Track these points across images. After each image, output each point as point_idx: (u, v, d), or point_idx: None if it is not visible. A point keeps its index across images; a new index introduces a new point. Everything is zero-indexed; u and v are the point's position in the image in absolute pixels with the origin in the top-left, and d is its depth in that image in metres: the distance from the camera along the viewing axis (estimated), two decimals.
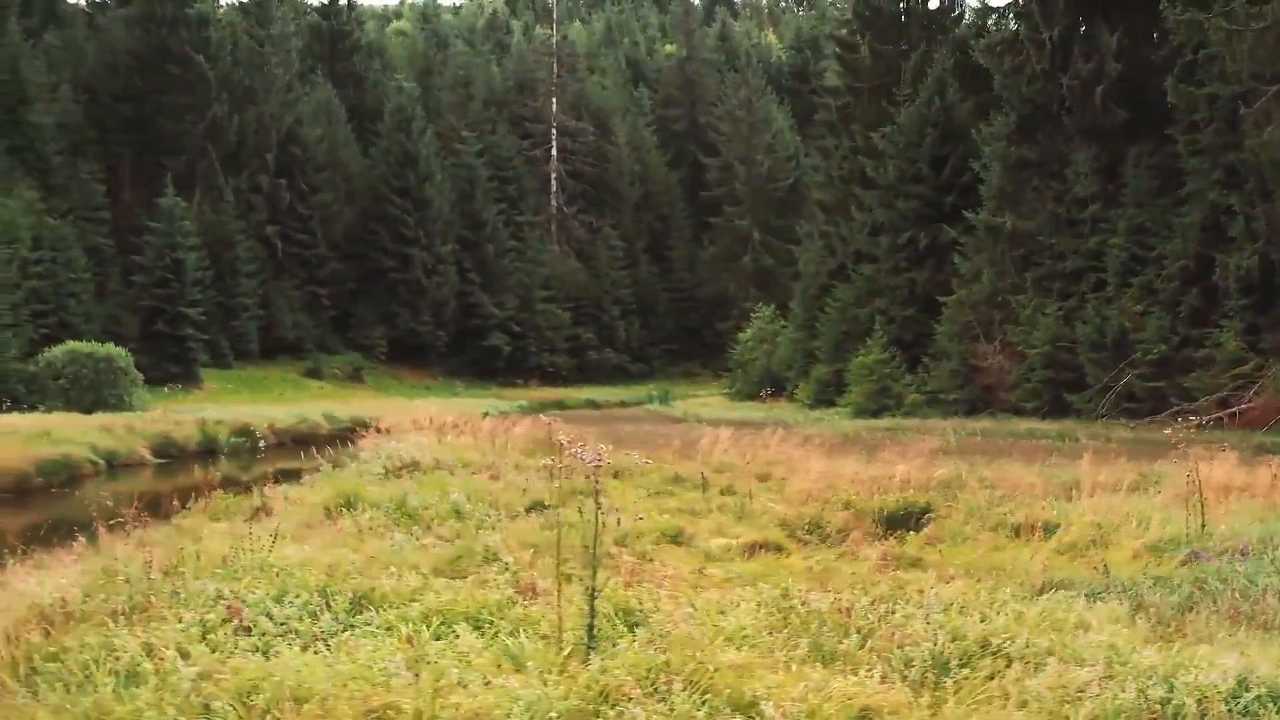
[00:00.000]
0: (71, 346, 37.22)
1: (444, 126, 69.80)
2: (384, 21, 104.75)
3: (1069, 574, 8.41)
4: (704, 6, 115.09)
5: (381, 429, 23.57)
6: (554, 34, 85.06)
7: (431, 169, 64.78)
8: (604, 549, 10.11)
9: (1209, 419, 26.06)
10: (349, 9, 73.86)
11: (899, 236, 39.39)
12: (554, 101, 79.11)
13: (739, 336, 54.46)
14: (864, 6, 45.25)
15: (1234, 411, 26.23)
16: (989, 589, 7.45)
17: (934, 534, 10.43)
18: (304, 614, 6.56)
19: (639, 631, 6.36)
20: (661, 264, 79.31)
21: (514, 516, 11.72)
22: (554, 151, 77.94)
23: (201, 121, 56.19)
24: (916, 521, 10.98)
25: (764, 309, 53.48)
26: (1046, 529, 10.69)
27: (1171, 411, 27.12)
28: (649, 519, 11.43)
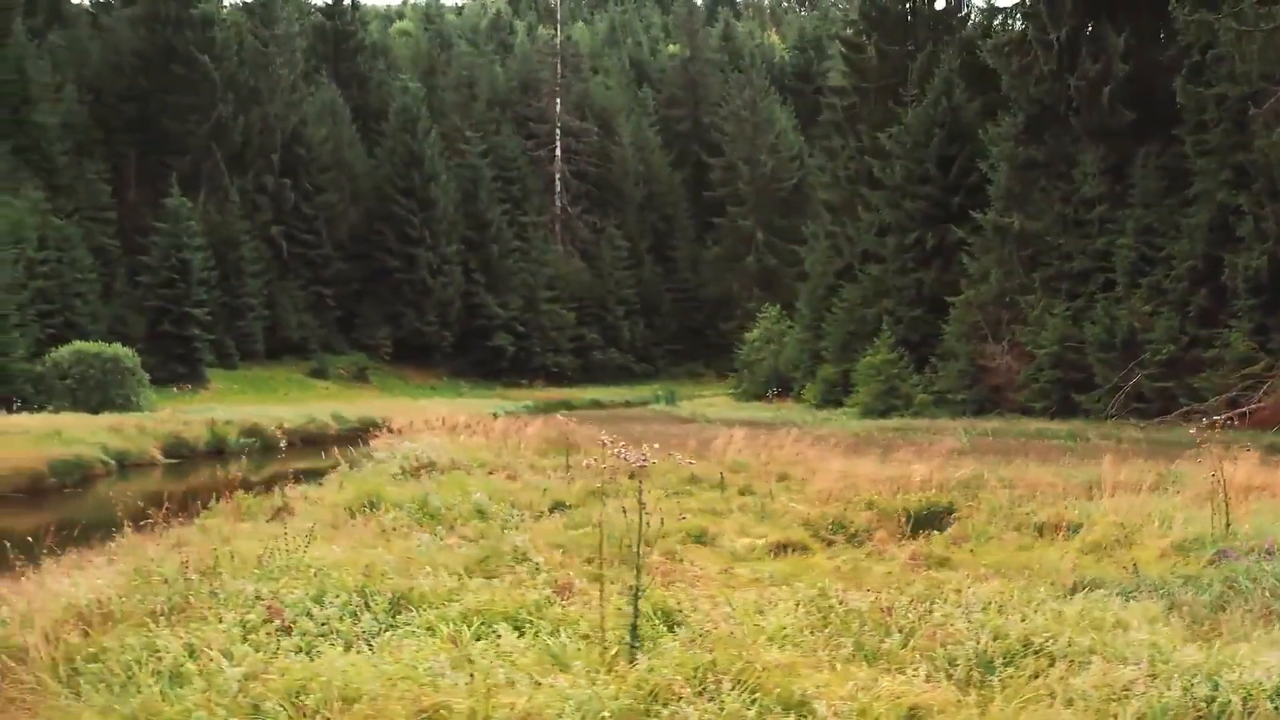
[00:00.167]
0: (78, 346, 37.25)
1: (448, 127, 69.84)
2: (387, 22, 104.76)
3: (1098, 573, 8.42)
4: (706, 7, 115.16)
5: (394, 429, 23.52)
6: (558, 34, 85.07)
7: (436, 169, 64.80)
8: (627, 549, 10.19)
9: (1219, 419, 26.09)
10: (353, 9, 73.95)
11: (906, 237, 39.43)
12: (558, 102, 79.13)
13: (745, 337, 54.48)
14: (870, 7, 45.30)
15: (1244, 411, 26.24)
16: (1022, 588, 7.47)
17: (959, 533, 10.44)
18: (344, 614, 6.56)
19: (679, 631, 6.37)
20: (665, 264, 79.35)
21: (537, 517, 11.74)
22: (558, 152, 77.96)
23: (206, 121, 56.21)
24: (940, 521, 10.99)
25: (770, 309, 53.50)
26: (1070, 529, 10.70)
27: (1181, 412, 27.18)
28: (671, 519, 11.47)
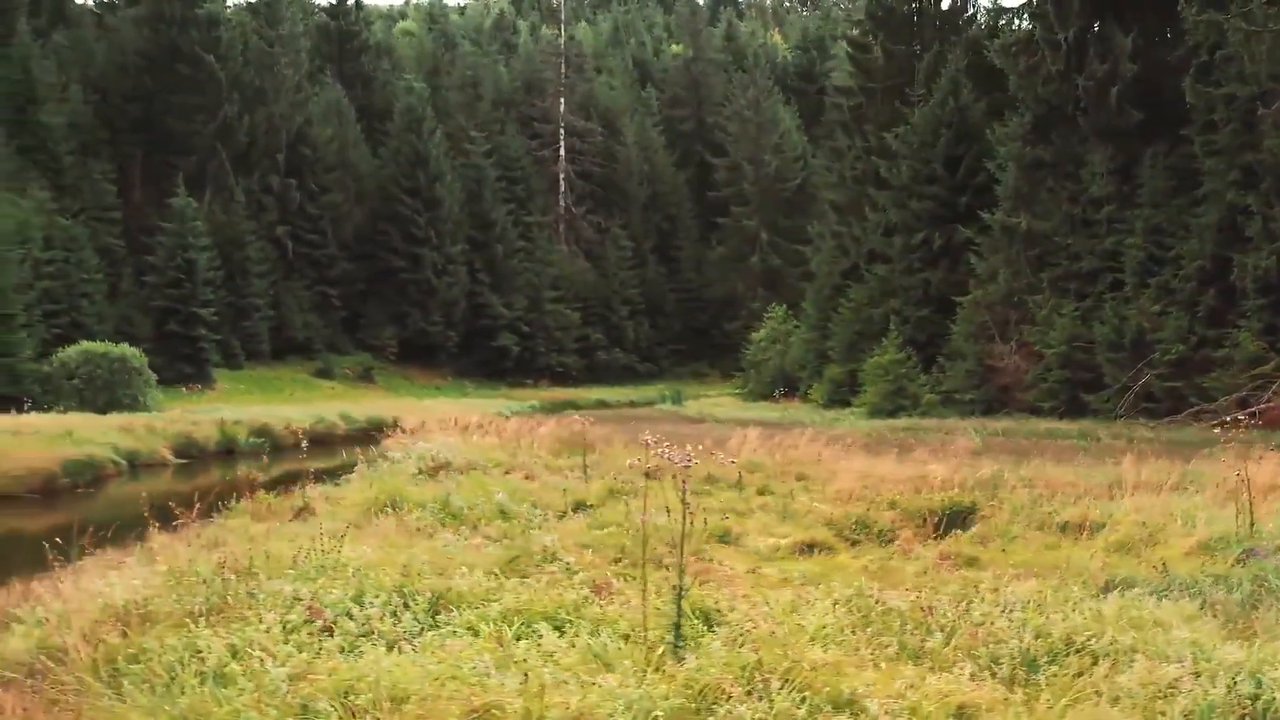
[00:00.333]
0: (86, 347, 37.28)
1: (452, 127, 69.82)
2: (390, 22, 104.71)
3: (1128, 572, 8.44)
4: (709, 7, 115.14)
5: (406, 429, 23.54)
6: (561, 34, 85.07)
7: (441, 169, 64.79)
8: (653, 549, 10.21)
9: (1240, 418, 26.10)
10: (356, 9, 73.86)
11: (913, 237, 39.46)
12: (562, 102, 79.12)
13: (751, 337, 54.48)
14: (876, 7, 45.33)
15: (1253, 411, 26.24)
16: (1056, 587, 7.50)
17: (983, 533, 10.46)
18: (385, 614, 6.59)
19: (718, 630, 6.39)
20: (669, 264, 79.35)
21: (560, 516, 11.76)
22: (562, 152, 77.96)
23: (212, 121, 56.21)
24: (963, 521, 11.01)
25: (777, 309, 53.52)
26: (1093, 528, 10.73)
27: (1191, 411, 27.22)
28: (694, 519, 11.49)
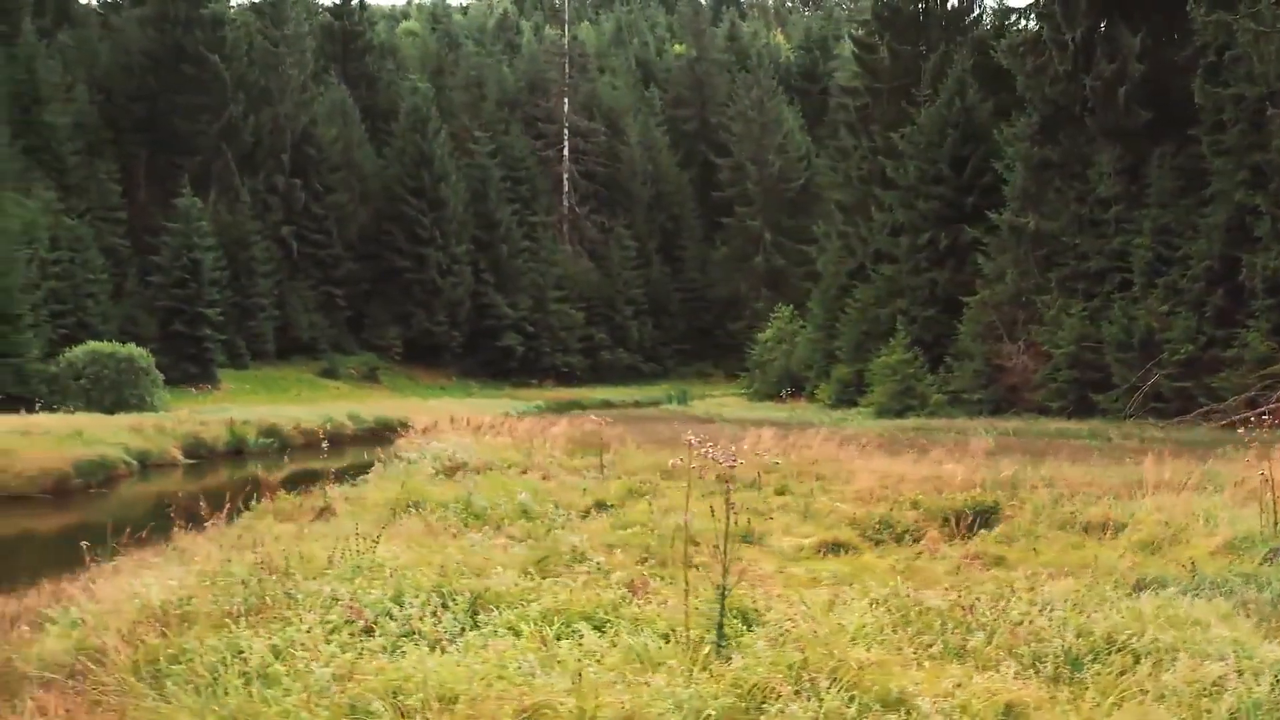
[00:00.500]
0: (93, 347, 37.27)
1: (457, 127, 69.88)
2: (393, 22, 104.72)
3: (1157, 572, 8.46)
4: (711, 7, 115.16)
5: (418, 429, 23.55)
6: (565, 34, 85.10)
7: (446, 169, 64.83)
8: (677, 550, 10.23)
9: (1239, 419, 26.14)
10: (360, 9, 73.89)
11: (920, 237, 39.49)
12: (566, 102, 79.17)
13: (758, 337, 54.52)
14: (882, 7, 45.36)
15: (1263, 412, 26.25)
16: (1089, 586, 7.53)
17: (1007, 533, 10.48)
18: (424, 614, 6.60)
19: (757, 630, 6.41)
20: (673, 264, 79.44)
21: (583, 516, 11.78)
22: (566, 152, 78.01)
23: (217, 121, 56.22)
24: (986, 521, 11.03)
25: (783, 309, 53.59)
26: (1116, 527, 10.75)
27: (1201, 411, 27.25)
28: (716, 518, 11.51)
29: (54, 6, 58.59)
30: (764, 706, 5.13)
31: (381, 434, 33.66)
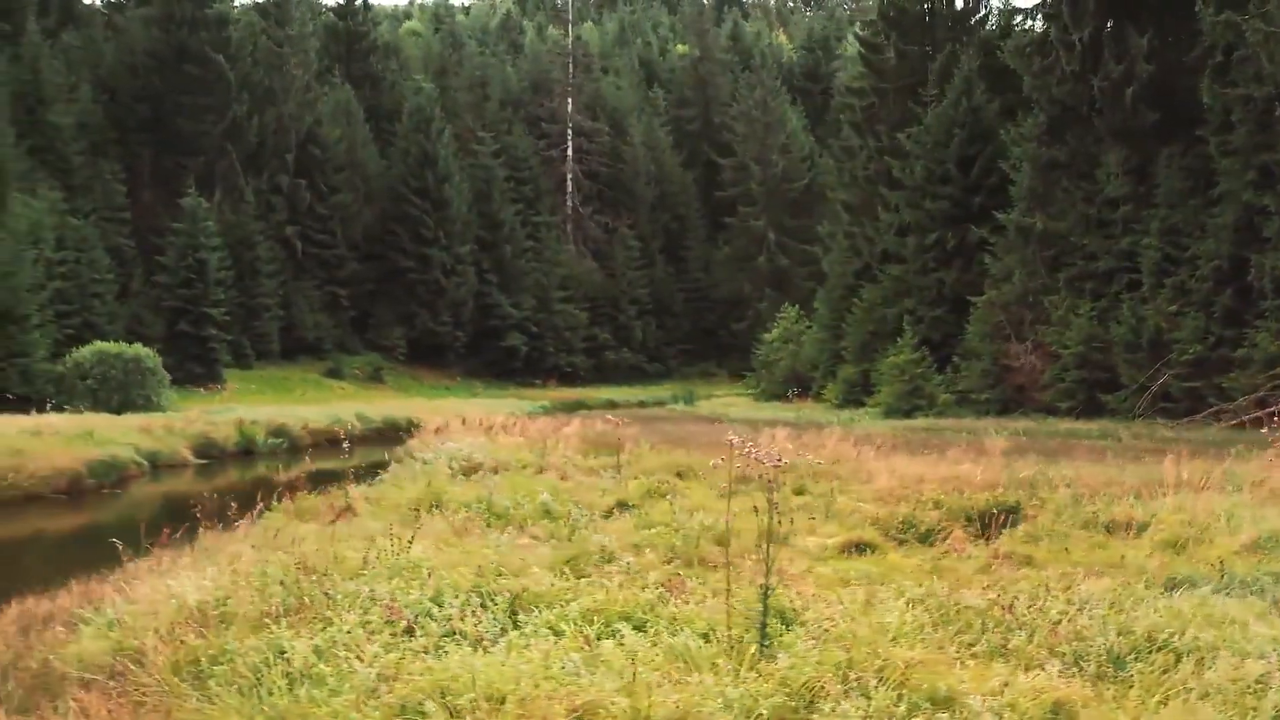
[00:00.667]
0: (99, 347, 37.30)
1: (461, 127, 69.92)
2: (396, 22, 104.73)
3: (1188, 571, 8.49)
4: (713, 7, 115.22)
5: (429, 429, 23.57)
6: (569, 34, 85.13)
7: (450, 169, 64.87)
8: (702, 549, 10.26)
9: (1247, 418, 26.18)
10: (364, 9, 73.89)
11: (927, 237, 39.52)
12: (569, 102, 79.22)
13: (764, 337, 54.52)
14: (889, 7, 45.40)
15: (1273, 411, 26.27)
16: (1123, 585, 7.56)
17: (1031, 532, 10.50)
18: (464, 615, 6.62)
19: (796, 629, 6.43)
20: (677, 264, 79.48)
21: (606, 516, 11.78)
22: (570, 152, 78.06)
23: (221, 122, 56.23)
24: (1008, 520, 11.04)
25: (789, 310, 53.63)
26: (1139, 527, 10.78)
27: (1211, 411, 27.27)
28: (741, 518, 11.53)
29: (58, 6, 58.58)
30: (815, 705, 5.15)
31: (389, 434, 33.69)
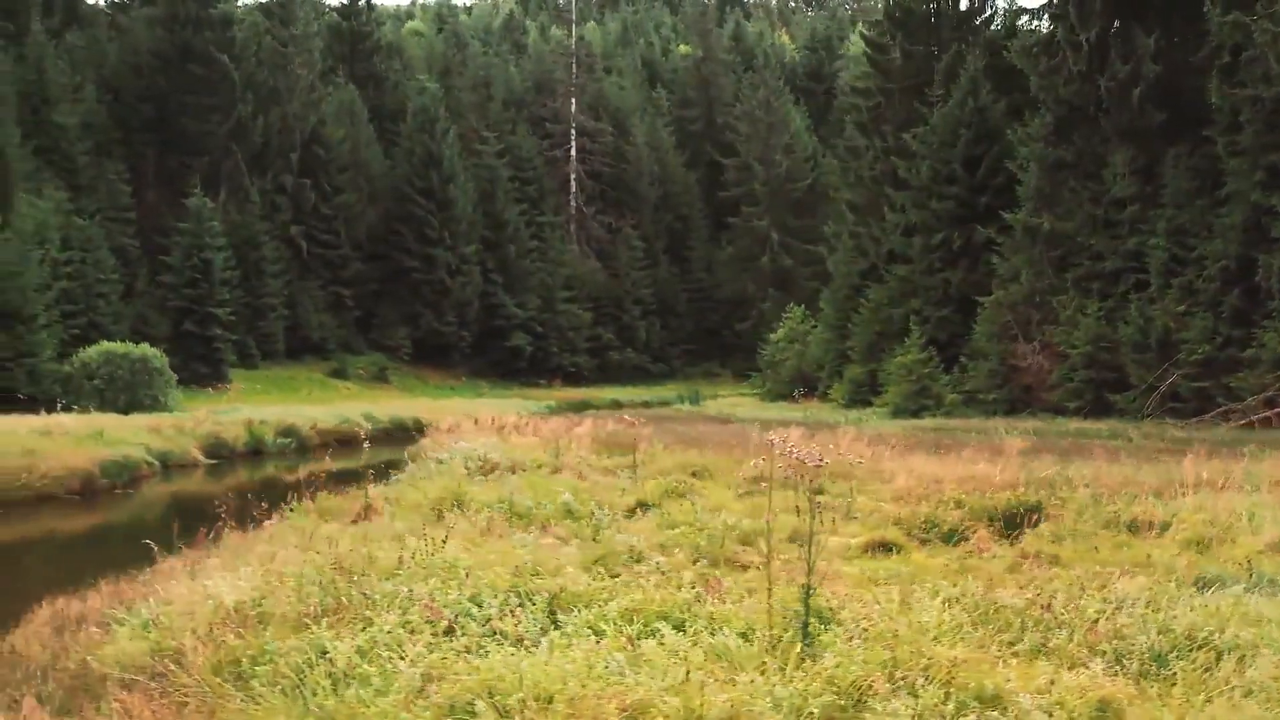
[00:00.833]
0: (106, 347, 37.32)
1: (465, 127, 69.94)
2: (399, 22, 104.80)
3: (1216, 570, 8.52)
4: (716, 7, 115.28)
5: (441, 429, 23.61)
6: (572, 35, 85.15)
7: (454, 169, 64.91)
8: (728, 549, 10.29)
9: (1256, 418, 26.22)
10: (368, 9, 73.94)
11: (933, 237, 39.55)
12: (573, 102, 79.25)
13: (770, 337, 54.54)
14: (894, 7, 45.45)
15: None
16: (1156, 584, 7.59)
17: (1055, 531, 10.53)
18: (504, 614, 6.64)
19: (834, 629, 6.44)
20: (681, 264, 79.54)
21: (628, 515, 11.81)
22: (573, 152, 78.10)
23: (226, 121, 56.28)
24: (1031, 520, 11.07)
25: (795, 310, 53.67)
26: (1161, 527, 10.81)
27: (1220, 411, 27.30)
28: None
29: (62, 6, 58.74)
30: (864, 704, 5.18)
31: (396, 434, 33.75)
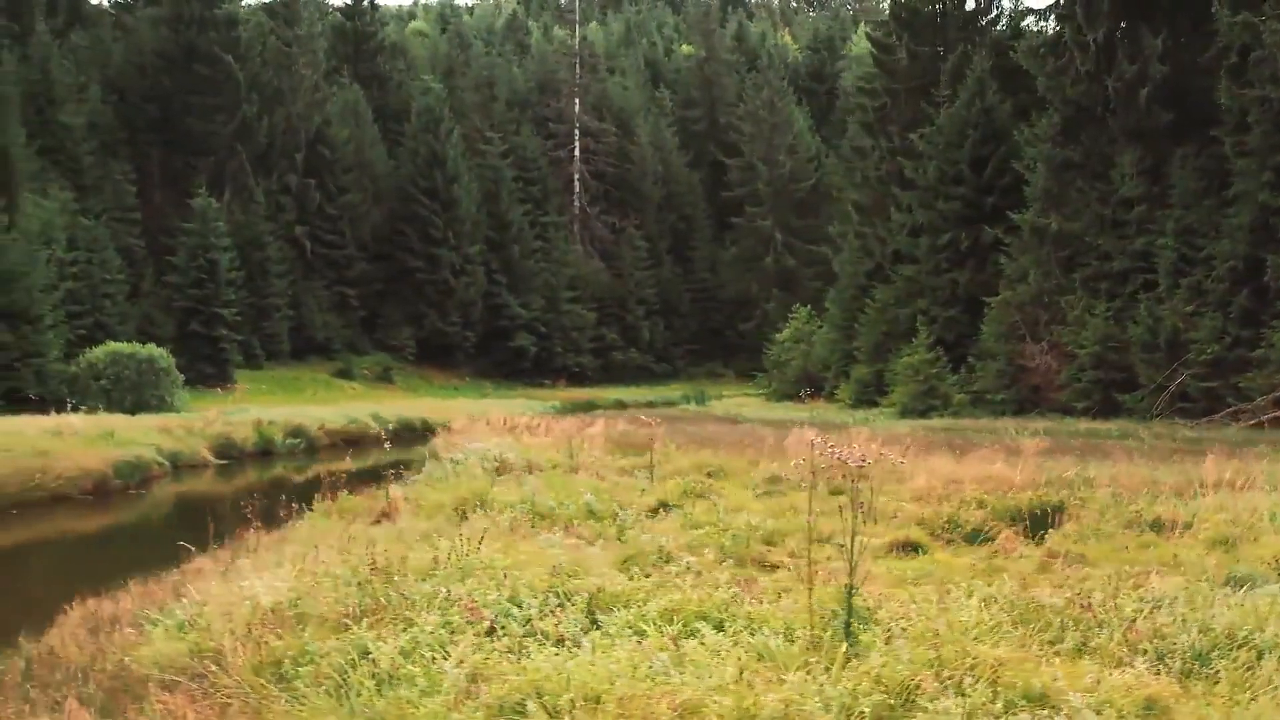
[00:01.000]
0: (113, 347, 37.36)
1: (468, 127, 69.93)
2: (402, 22, 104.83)
3: (1246, 570, 8.55)
4: (718, 7, 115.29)
5: (455, 429, 23.64)
6: (575, 35, 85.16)
7: (459, 170, 64.93)
8: (754, 549, 10.32)
9: (1266, 418, 26.25)
10: (372, 9, 73.97)
11: (940, 237, 39.55)
12: (576, 102, 79.25)
13: (775, 337, 54.55)
14: (900, 8, 45.45)
15: None
16: (1190, 583, 7.62)
17: (1078, 531, 10.56)
18: (544, 615, 6.66)
19: (873, 628, 6.46)
20: (684, 264, 79.58)
21: (650, 515, 11.83)
22: (577, 152, 78.11)
23: (231, 122, 56.30)
24: (1053, 519, 11.11)
25: (801, 310, 53.69)
26: (1183, 526, 10.84)
27: (1229, 411, 27.33)
28: (783, 518, 11.62)
29: (66, 6, 58.77)
30: (913, 703, 5.21)
31: (404, 434, 33.79)
